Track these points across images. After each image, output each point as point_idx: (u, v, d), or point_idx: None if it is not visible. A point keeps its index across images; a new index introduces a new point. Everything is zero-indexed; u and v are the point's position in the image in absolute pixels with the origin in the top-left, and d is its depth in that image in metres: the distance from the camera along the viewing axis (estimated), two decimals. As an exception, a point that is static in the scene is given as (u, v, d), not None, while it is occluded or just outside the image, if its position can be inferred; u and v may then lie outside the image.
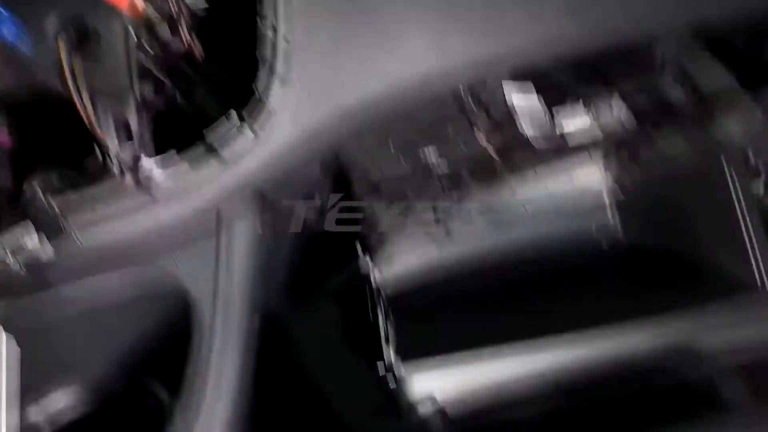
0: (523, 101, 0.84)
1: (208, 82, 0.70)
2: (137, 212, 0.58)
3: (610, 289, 0.92)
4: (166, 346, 0.62)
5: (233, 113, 0.61)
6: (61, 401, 0.66)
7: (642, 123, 0.84)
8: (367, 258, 0.77)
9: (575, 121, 0.82)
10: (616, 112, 0.84)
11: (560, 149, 0.82)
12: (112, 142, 0.58)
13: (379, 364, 0.82)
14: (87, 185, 0.62)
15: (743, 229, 0.88)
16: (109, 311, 0.61)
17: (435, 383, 0.79)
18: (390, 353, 0.80)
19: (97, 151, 0.62)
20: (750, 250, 0.88)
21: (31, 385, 0.64)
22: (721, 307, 0.87)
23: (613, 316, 0.85)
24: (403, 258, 0.88)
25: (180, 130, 0.67)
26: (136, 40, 0.60)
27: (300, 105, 0.61)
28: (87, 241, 0.61)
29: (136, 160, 0.58)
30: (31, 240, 0.62)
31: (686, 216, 0.96)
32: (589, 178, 0.82)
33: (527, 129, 0.81)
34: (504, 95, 0.84)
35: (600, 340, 0.84)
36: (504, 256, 0.90)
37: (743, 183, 0.88)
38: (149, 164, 0.58)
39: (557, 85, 0.87)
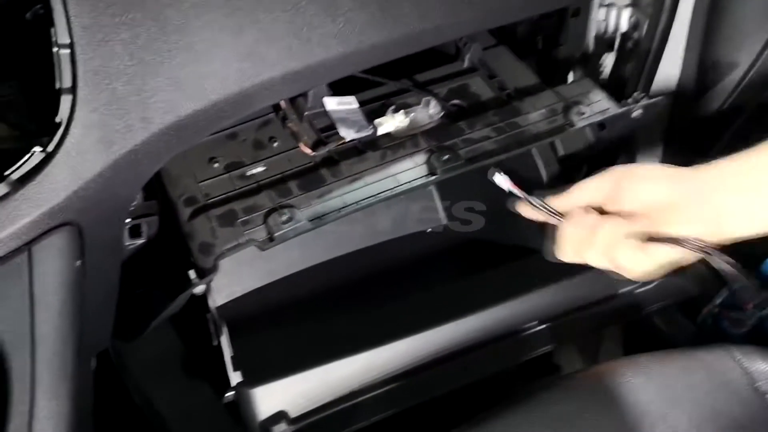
0: (344, 110, 0.85)
1: (5, 113, 0.65)
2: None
3: (449, 284, 0.95)
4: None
5: (35, 145, 0.57)
6: None
7: (455, 120, 0.88)
8: (201, 280, 0.75)
9: (394, 123, 0.85)
10: (431, 112, 0.87)
11: (384, 153, 0.84)
12: None
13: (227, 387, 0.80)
14: None
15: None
16: None
17: (285, 399, 0.79)
18: (234, 375, 0.78)
19: None
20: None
21: None
22: (546, 284, 0.93)
23: (454, 309, 0.89)
24: (238, 275, 0.87)
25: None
26: None
27: (107, 129, 0.58)
28: None
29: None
30: None
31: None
32: (414, 178, 0.84)
33: (349, 135, 0.83)
34: (325, 106, 0.85)
35: (444, 333, 0.87)
36: (340, 262, 0.92)
37: (551, 170, 0.95)
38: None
39: (376, 93, 0.90)
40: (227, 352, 0.80)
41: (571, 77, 1.06)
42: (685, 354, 0.68)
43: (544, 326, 0.91)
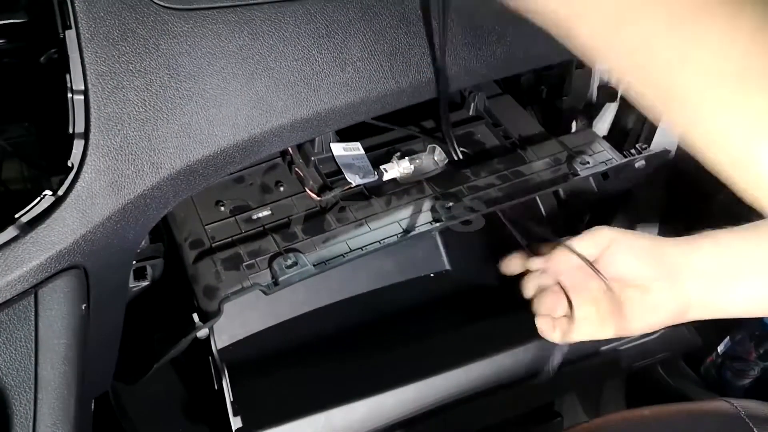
0: (350, 156, 0.86)
1: (17, 155, 0.66)
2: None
3: (453, 330, 0.95)
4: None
5: (45, 188, 0.57)
6: None
7: (460, 167, 0.89)
8: (205, 324, 0.75)
9: (400, 169, 0.86)
10: (436, 158, 0.88)
11: (389, 198, 0.84)
12: None
13: None
14: None
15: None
16: None
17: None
18: (235, 420, 0.77)
19: None
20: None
21: None
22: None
23: (458, 355, 0.88)
24: (242, 319, 0.86)
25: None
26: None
27: (117, 174, 0.59)
28: None
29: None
30: None
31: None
32: (419, 225, 0.85)
33: (355, 181, 0.83)
34: (332, 152, 0.86)
35: (448, 380, 0.86)
36: (343, 306, 0.91)
37: (554, 217, 0.95)
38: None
39: (382, 140, 0.91)
40: (228, 397, 0.79)
41: (574, 127, 1.07)
42: (689, 408, 0.68)
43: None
